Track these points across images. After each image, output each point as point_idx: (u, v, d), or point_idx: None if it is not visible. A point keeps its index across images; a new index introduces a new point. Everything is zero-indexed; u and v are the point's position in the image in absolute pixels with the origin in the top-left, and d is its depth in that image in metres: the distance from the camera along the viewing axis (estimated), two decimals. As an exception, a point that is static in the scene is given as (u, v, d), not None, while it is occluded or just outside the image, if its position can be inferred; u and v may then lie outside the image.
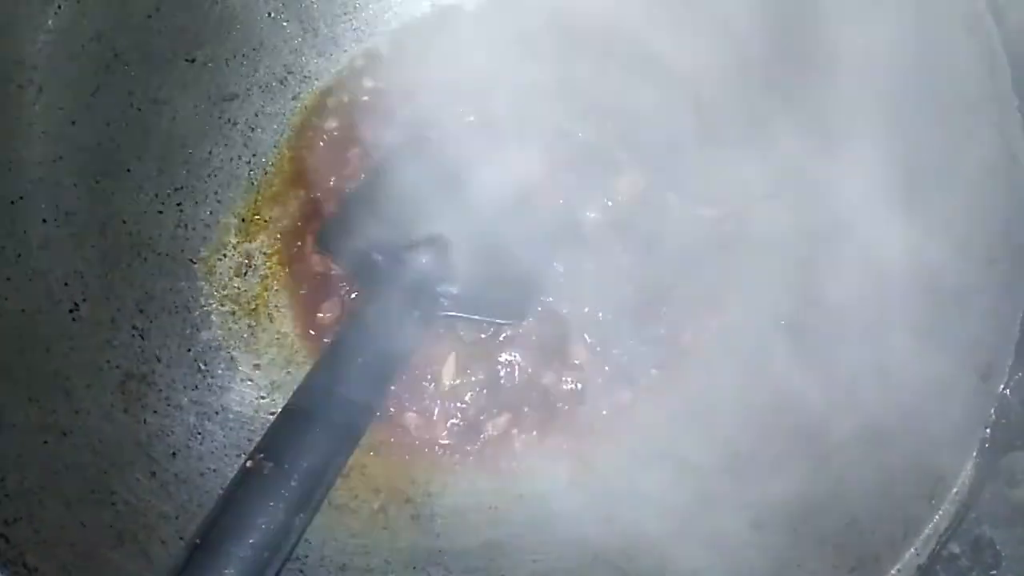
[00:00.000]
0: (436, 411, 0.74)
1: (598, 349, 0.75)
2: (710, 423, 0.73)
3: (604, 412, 0.74)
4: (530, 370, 0.75)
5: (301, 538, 0.55)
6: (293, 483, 0.55)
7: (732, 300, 0.77)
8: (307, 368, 0.73)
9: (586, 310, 0.76)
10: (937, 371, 0.62)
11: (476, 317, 0.74)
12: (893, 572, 0.56)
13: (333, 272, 0.77)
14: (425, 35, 0.85)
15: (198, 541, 0.52)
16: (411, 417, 0.74)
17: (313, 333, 0.76)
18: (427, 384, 0.74)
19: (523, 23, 0.81)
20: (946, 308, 0.63)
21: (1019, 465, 0.64)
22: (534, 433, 0.74)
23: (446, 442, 0.74)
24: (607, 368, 0.75)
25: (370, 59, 0.85)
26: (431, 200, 0.75)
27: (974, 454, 0.57)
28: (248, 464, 0.56)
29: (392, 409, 0.74)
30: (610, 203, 0.78)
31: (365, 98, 0.83)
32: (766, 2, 0.77)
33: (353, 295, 0.77)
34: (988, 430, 0.57)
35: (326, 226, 0.77)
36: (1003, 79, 0.62)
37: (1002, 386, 0.57)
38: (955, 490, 0.56)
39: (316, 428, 0.58)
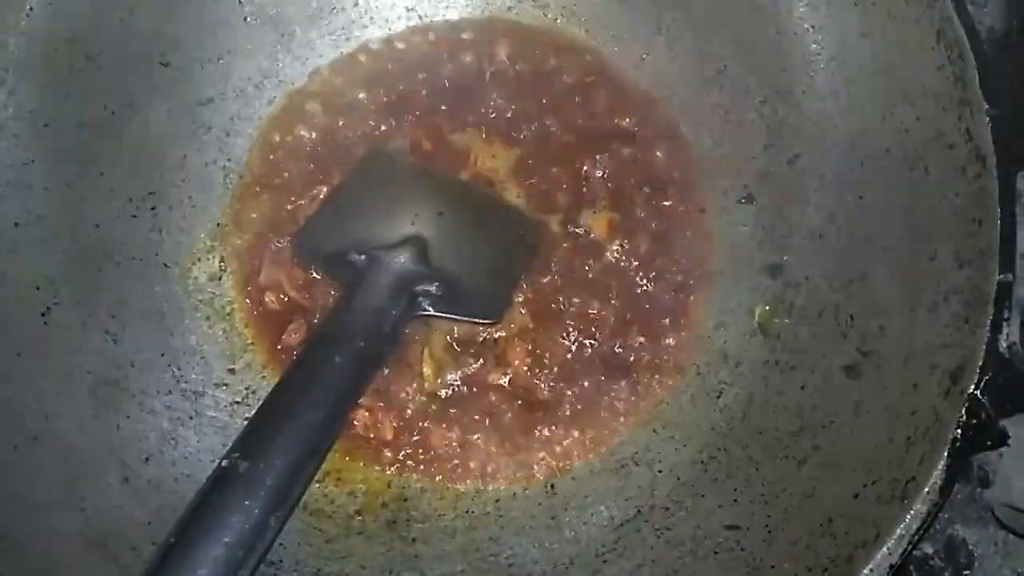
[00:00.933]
0: (412, 415, 0.74)
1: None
2: (683, 429, 0.73)
3: (577, 417, 0.74)
4: (508, 374, 0.75)
5: (276, 538, 0.55)
6: (268, 482, 0.55)
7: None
8: (281, 372, 0.73)
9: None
10: (908, 372, 0.62)
11: (454, 316, 0.74)
12: (865, 572, 0.56)
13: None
14: (400, 45, 0.85)
15: (172, 540, 0.52)
16: (386, 421, 0.73)
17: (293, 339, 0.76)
18: (405, 387, 0.74)
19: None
20: (917, 311, 0.64)
21: (990, 465, 0.65)
22: (513, 437, 0.74)
23: (422, 447, 0.73)
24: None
25: (344, 66, 0.85)
26: (407, 202, 0.75)
27: (945, 454, 0.57)
28: (224, 463, 0.56)
29: (367, 412, 0.73)
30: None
31: (338, 105, 0.83)
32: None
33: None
34: (959, 430, 0.57)
35: (303, 228, 0.77)
36: (972, 83, 0.63)
37: (972, 386, 0.57)
38: (926, 490, 0.57)
39: (292, 427, 0.57)
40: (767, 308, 0.74)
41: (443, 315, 0.73)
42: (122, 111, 0.76)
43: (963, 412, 0.57)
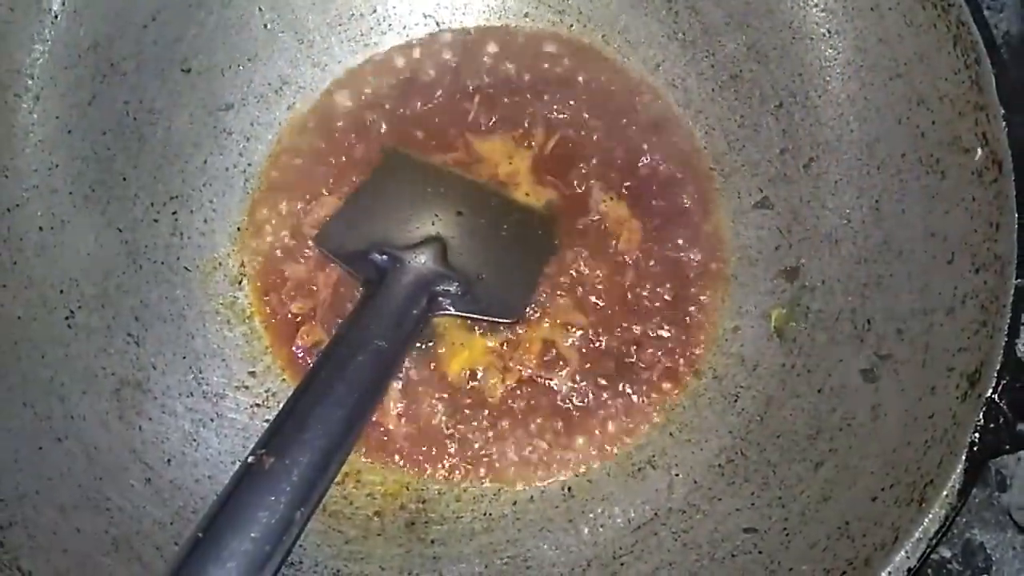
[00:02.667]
0: (433, 416, 0.74)
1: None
2: (700, 432, 0.74)
3: (593, 419, 0.75)
4: (524, 376, 0.75)
5: (301, 534, 0.56)
6: (294, 478, 0.56)
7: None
8: (301, 374, 0.74)
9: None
10: (925, 375, 0.62)
11: (475, 316, 0.75)
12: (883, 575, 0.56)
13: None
14: (418, 52, 0.86)
15: (200, 535, 0.52)
16: (406, 422, 0.74)
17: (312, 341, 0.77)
18: (427, 388, 0.75)
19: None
20: (934, 315, 0.64)
21: (1008, 469, 0.65)
22: (531, 439, 0.74)
23: (441, 448, 0.74)
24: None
25: (363, 72, 0.86)
26: (427, 202, 0.76)
27: (963, 458, 0.57)
28: (250, 459, 0.57)
29: (389, 413, 0.74)
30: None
31: (358, 111, 0.84)
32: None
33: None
34: (976, 434, 0.57)
35: (325, 227, 0.78)
36: (988, 87, 0.63)
37: (990, 390, 0.57)
38: (944, 493, 0.57)
39: (317, 424, 0.58)
40: (784, 312, 0.75)
41: (463, 314, 0.74)
42: (144, 116, 0.77)
43: (980, 416, 0.57)
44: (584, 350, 0.76)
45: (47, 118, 0.71)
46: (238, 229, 0.80)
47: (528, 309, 0.76)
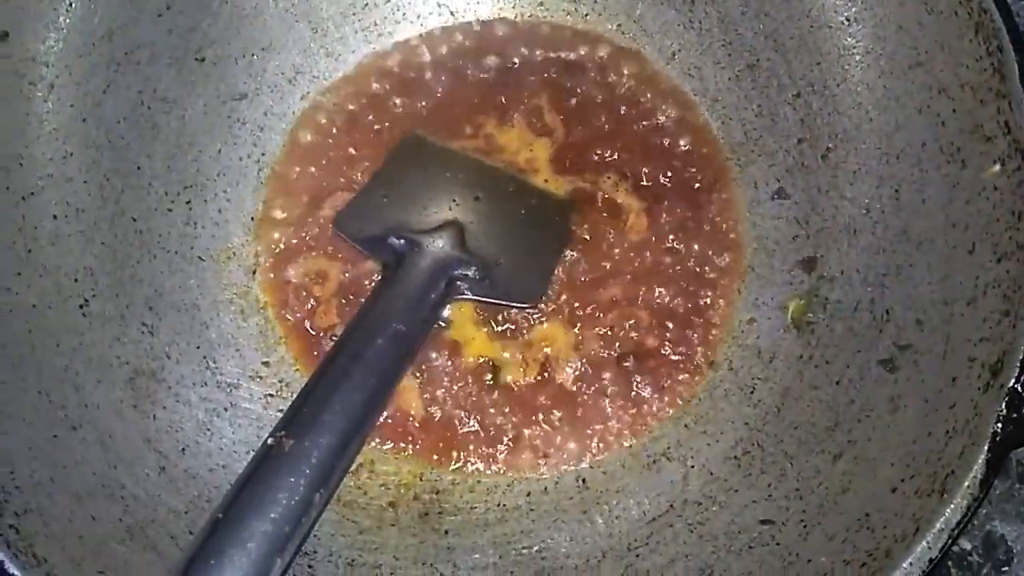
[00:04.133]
0: (447, 405, 0.74)
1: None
2: (716, 424, 0.73)
3: (608, 410, 0.74)
4: (538, 367, 0.75)
5: (320, 516, 0.56)
6: (313, 460, 0.56)
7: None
8: (315, 364, 0.74)
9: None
10: (946, 366, 0.62)
11: (492, 300, 0.75)
12: (904, 567, 0.55)
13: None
14: (432, 41, 0.86)
15: (220, 515, 0.53)
16: (421, 410, 0.74)
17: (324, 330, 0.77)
18: (441, 376, 0.75)
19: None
20: (955, 305, 0.64)
21: (1030, 461, 0.65)
22: (543, 431, 0.74)
23: (456, 439, 0.74)
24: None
25: (378, 61, 0.85)
26: (446, 187, 0.77)
27: (985, 449, 0.56)
28: (270, 441, 0.57)
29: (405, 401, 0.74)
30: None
31: (372, 100, 0.83)
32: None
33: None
34: (998, 424, 0.56)
35: (344, 210, 0.78)
36: (1011, 75, 0.62)
37: (1012, 380, 0.57)
38: (966, 484, 0.56)
39: (336, 408, 0.58)
40: (801, 303, 0.74)
41: (481, 299, 0.74)
42: (158, 106, 0.77)
43: (1003, 406, 0.57)
44: (600, 340, 0.76)
45: (61, 106, 0.71)
46: (252, 219, 0.80)
47: (546, 294, 0.76)
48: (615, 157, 0.80)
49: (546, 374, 0.75)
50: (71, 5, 0.71)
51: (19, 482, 0.59)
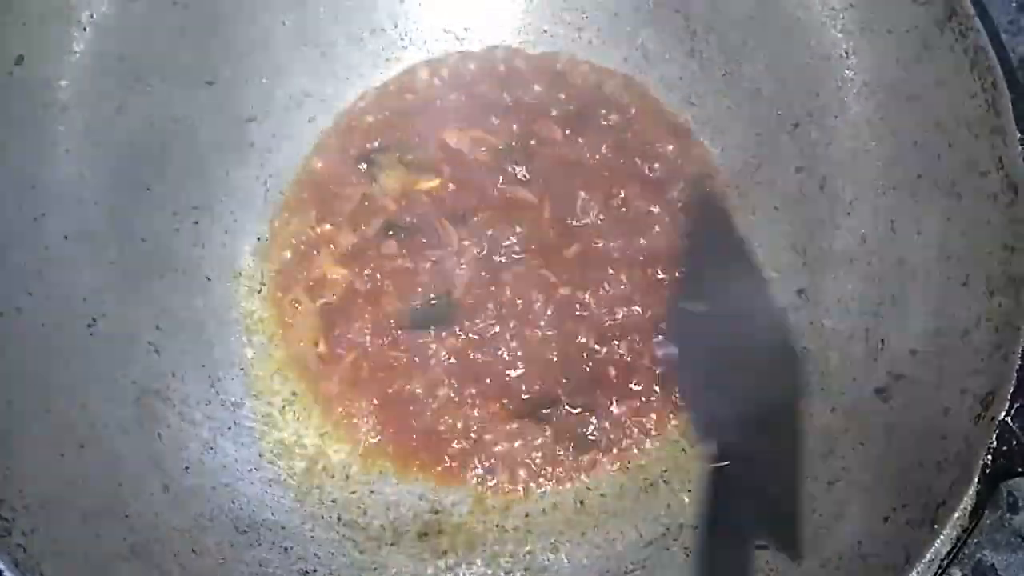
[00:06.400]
0: (448, 425, 0.75)
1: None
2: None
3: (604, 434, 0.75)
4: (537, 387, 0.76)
5: None
6: None
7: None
8: (317, 383, 0.75)
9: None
10: (939, 397, 0.63)
11: None
12: (896, 595, 0.56)
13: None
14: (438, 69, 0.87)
15: None
16: (422, 430, 0.75)
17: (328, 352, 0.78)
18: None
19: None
20: (949, 337, 0.64)
21: (1020, 491, 0.65)
22: (541, 456, 0.75)
23: (454, 463, 0.75)
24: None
25: (383, 91, 0.87)
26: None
27: (975, 480, 0.57)
28: None
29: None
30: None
31: (378, 125, 0.85)
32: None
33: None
34: (989, 456, 0.57)
35: None
36: (1005, 111, 0.63)
37: (1003, 413, 0.58)
38: (956, 515, 0.57)
39: None
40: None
41: None
42: (169, 128, 0.78)
43: (993, 438, 0.58)
44: (594, 365, 0.77)
45: (75, 129, 0.72)
46: (259, 239, 0.81)
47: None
48: (612, 186, 0.81)
49: (547, 394, 0.76)
50: (85, 29, 0.72)
51: (27, 501, 0.60)
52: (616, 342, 0.77)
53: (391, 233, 0.80)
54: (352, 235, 0.81)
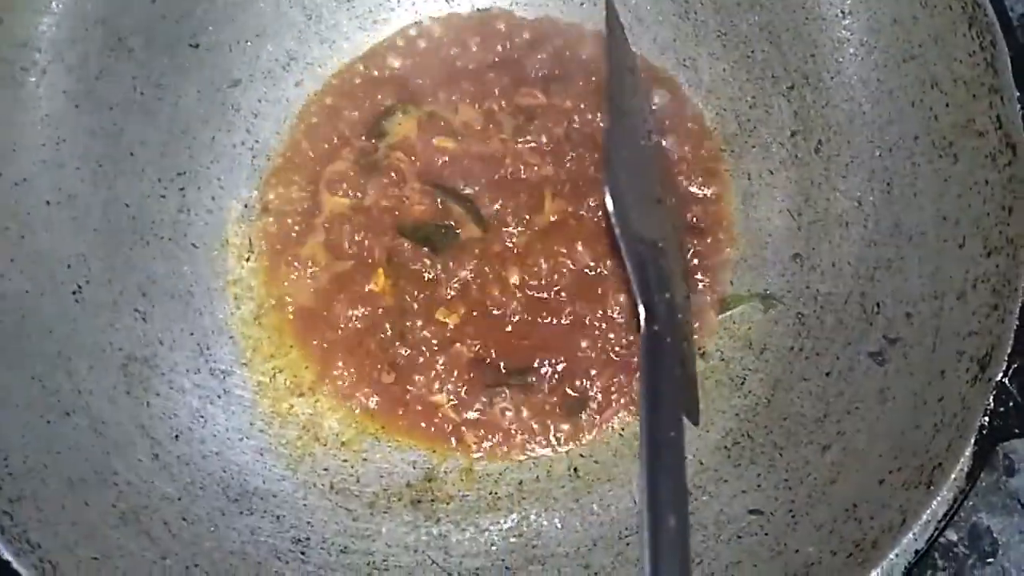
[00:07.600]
0: (439, 397, 0.75)
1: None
2: (706, 414, 0.74)
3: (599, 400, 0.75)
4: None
5: None
6: None
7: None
8: (308, 352, 0.75)
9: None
10: (935, 359, 0.62)
11: None
12: (891, 557, 0.56)
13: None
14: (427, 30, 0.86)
15: None
16: (416, 401, 0.74)
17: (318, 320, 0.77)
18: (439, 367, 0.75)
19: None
20: (945, 299, 0.64)
21: (1016, 454, 0.65)
22: (535, 421, 0.74)
23: (447, 430, 0.74)
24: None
25: (372, 49, 0.85)
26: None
27: (972, 441, 0.57)
28: None
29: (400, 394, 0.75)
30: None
31: (365, 90, 0.83)
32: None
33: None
34: (986, 418, 0.57)
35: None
36: (1003, 70, 0.62)
37: (1000, 374, 0.57)
38: (953, 477, 0.57)
39: None
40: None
41: None
42: (152, 92, 0.77)
43: (990, 399, 0.57)
44: (592, 331, 0.76)
45: (54, 92, 0.71)
46: (246, 206, 0.80)
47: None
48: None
49: (536, 363, 0.75)
50: (64, -10, 0.71)
51: (12, 469, 0.59)
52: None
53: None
54: (342, 200, 0.80)
